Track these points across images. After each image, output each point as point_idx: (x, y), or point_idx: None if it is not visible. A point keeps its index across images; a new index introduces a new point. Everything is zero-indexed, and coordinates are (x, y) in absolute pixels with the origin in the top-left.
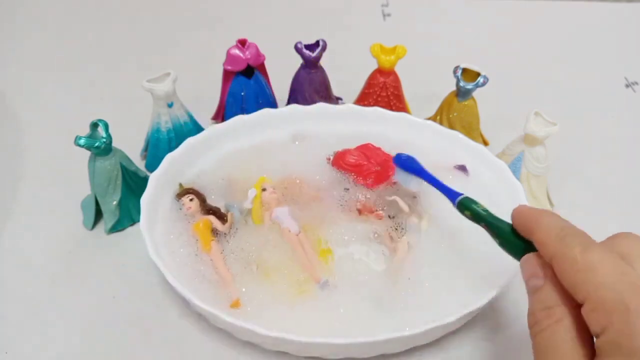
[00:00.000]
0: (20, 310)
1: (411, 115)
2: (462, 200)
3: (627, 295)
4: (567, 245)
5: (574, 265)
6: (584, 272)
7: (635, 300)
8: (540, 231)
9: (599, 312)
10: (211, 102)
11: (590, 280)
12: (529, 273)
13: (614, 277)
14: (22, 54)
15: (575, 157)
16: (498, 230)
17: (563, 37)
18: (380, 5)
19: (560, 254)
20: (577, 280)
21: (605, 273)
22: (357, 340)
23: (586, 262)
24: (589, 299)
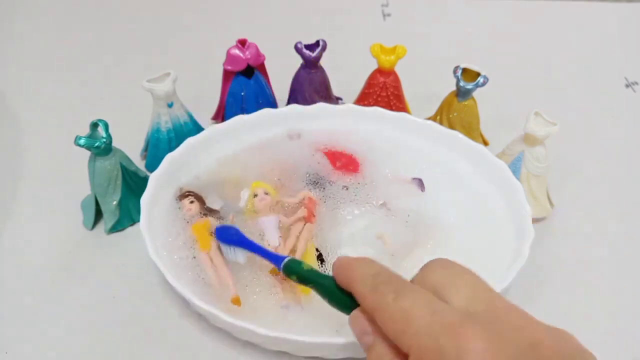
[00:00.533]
0: (20, 310)
1: (411, 115)
2: (287, 263)
3: (442, 339)
4: (381, 294)
5: (390, 316)
6: (399, 322)
7: (449, 342)
8: (356, 282)
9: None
10: (211, 102)
11: (407, 329)
12: (359, 330)
13: (426, 321)
14: (22, 54)
15: (575, 157)
16: (323, 288)
17: (563, 37)
18: (380, 5)
19: (376, 307)
20: (396, 331)
21: (418, 318)
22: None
23: (400, 311)
24: (411, 350)
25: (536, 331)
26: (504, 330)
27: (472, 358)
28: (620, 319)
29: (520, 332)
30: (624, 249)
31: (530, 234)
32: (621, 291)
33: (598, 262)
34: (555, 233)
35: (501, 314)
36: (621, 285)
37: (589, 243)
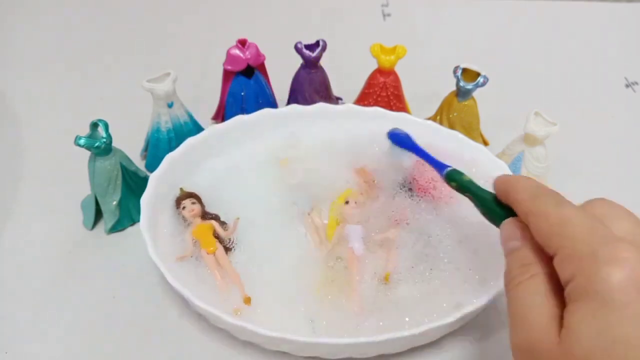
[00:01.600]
0: (20, 310)
1: (411, 115)
2: (449, 172)
3: (596, 245)
4: (542, 202)
5: (547, 219)
6: (556, 225)
7: (603, 249)
8: (516, 192)
9: (569, 261)
10: (211, 102)
11: (561, 233)
12: (507, 236)
13: (584, 229)
14: (22, 54)
15: (575, 157)
16: (481, 199)
17: (563, 37)
18: (380, 5)
19: (534, 211)
20: (550, 233)
21: (577, 225)
22: (357, 340)
23: (559, 217)
24: (560, 250)
25: None
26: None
27: (623, 264)
28: None
29: None
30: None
31: None
32: None
33: None
34: None
35: None
36: None
37: None
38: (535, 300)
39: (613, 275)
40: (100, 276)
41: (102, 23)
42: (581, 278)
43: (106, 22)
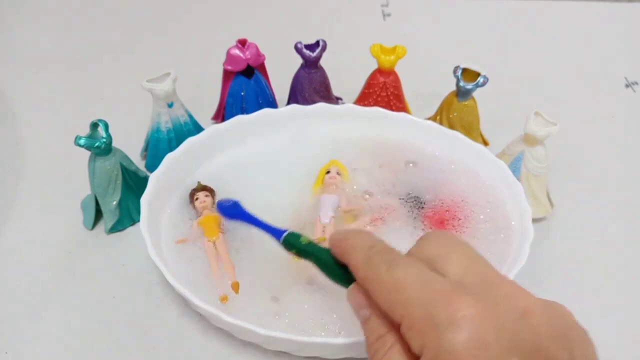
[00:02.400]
0: (20, 310)
1: (411, 115)
2: (286, 238)
3: (432, 306)
4: (374, 266)
5: (382, 286)
6: (392, 292)
7: (439, 310)
8: (350, 254)
9: (413, 332)
10: (211, 102)
11: (398, 299)
12: (356, 304)
13: (418, 290)
14: (22, 54)
15: (575, 157)
16: (322, 262)
17: (563, 37)
18: (380, 5)
19: (369, 278)
20: (388, 301)
21: (411, 287)
22: (357, 340)
23: (392, 281)
24: (402, 319)
25: (528, 301)
26: (496, 299)
27: (463, 325)
28: (620, 318)
29: (512, 301)
30: (624, 249)
31: (530, 234)
32: (621, 291)
33: (598, 262)
34: (555, 233)
35: (494, 285)
36: (621, 285)
37: (589, 243)
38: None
39: (457, 342)
40: (100, 276)
41: (102, 23)
42: (429, 352)
43: (106, 22)
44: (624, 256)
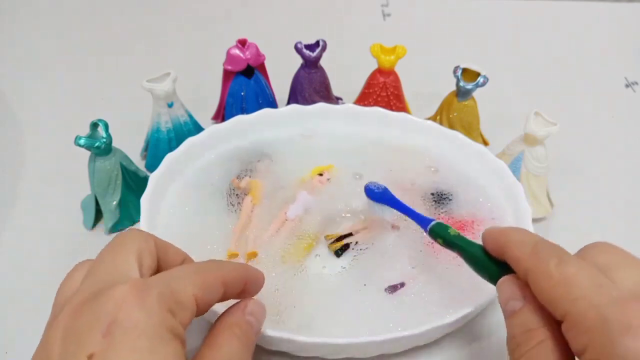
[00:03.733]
0: (20, 310)
1: (411, 115)
2: (433, 227)
3: (606, 309)
4: (542, 259)
5: (550, 280)
6: (560, 286)
7: (614, 315)
8: (512, 248)
9: (579, 330)
10: (211, 102)
11: (567, 295)
12: (507, 296)
13: (591, 291)
14: (22, 54)
15: (575, 157)
16: (472, 256)
17: (563, 37)
18: (380, 5)
19: (535, 269)
20: (554, 296)
21: (583, 287)
22: (357, 340)
23: (562, 276)
24: (568, 315)
25: None
26: None
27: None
28: None
29: None
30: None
31: None
32: None
33: None
34: (555, 233)
35: None
36: None
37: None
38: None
39: (629, 349)
40: None
41: (102, 23)
42: (594, 351)
43: (106, 22)
44: None
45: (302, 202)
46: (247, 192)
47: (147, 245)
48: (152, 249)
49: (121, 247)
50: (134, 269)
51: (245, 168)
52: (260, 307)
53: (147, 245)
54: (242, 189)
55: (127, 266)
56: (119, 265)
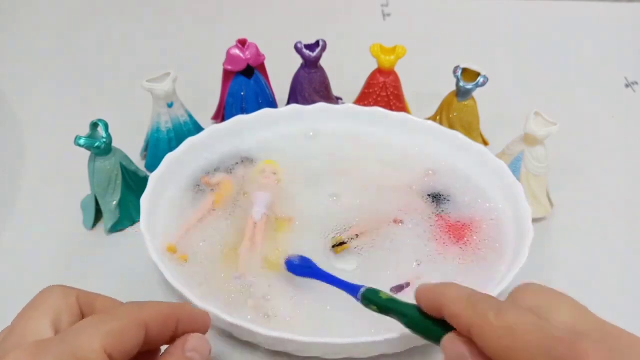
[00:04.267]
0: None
1: (411, 115)
2: (364, 294)
3: (555, 352)
4: (480, 313)
5: (493, 332)
6: (504, 337)
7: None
8: (449, 305)
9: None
10: (211, 102)
11: (513, 344)
12: (455, 354)
13: (536, 335)
14: (22, 54)
15: (575, 157)
16: (410, 319)
17: (563, 37)
18: (380, 5)
19: (476, 324)
20: (500, 347)
21: (526, 333)
22: (357, 340)
23: (504, 326)
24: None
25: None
26: (620, 347)
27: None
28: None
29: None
30: (624, 249)
31: (530, 234)
32: (621, 291)
33: (598, 262)
34: (555, 233)
35: (613, 334)
36: (621, 285)
37: (589, 243)
38: None
39: None
40: (100, 276)
41: (102, 23)
42: None
43: (106, 22)
44: (624, 256)
45: (261, 201)
46: (216, 189)
47: (66, 301)
48: (72, 305)
49: (35, 307)
50: (47, 329)
51: (223, 167)
52: (203, 342)
53: (66, 301)
54: (212, 185)
55: (39, 327)
56: (30, 327)
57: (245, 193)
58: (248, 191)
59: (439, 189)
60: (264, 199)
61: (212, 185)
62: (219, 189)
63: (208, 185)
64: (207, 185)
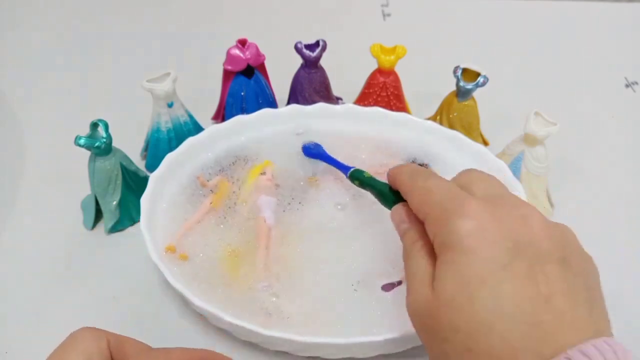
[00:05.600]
0: (20, 310)
1: (411, 115)
2: (352, 172)
3: (449, 205)
4: (414, 179)
5: (417, 192)
6: (423, 195)
7: (454, 207)
8: (399, 177)
9: (432, 223)
10: (211, 102)
11: (426, 201)
12: (398, 219)
13: (442, 195)
14: (22, 54)
15: (575, 157)
16: (378, 191)
17: (563, 37)
18: (380, 5)
19: (409, 188)
20: (419, 203)
21: (436, 193)
22: (357, 340)
23: (424, 188)
24: (426, 216)
25: (532, 211)
26: (503, 205)
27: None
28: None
29: (517, 209)
30: (624, 249)
31: None
32: (621, 291)
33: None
34: None
35: (504, 197)
36: (621, 285)
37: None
38: (420, 268)
39: (462, 227)
40: (100, 276)
41: (102, 23)
42: (440, 235)
43: (106, 22)
44: (624, 256)
45: (268, 205)
46: (214, 190)
47: (98, 344)
48: (102, 348)
49: (68, 349)
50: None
51: (220, 168)
52: None
53: (98, 344)
54: (206, 186)
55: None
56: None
57: (241, 197)
58: (245, 192)
59: None
60: (271, 203)
61: (209, 186)
62: (217, 190)
63: (204, 186)
64: (203, 186)
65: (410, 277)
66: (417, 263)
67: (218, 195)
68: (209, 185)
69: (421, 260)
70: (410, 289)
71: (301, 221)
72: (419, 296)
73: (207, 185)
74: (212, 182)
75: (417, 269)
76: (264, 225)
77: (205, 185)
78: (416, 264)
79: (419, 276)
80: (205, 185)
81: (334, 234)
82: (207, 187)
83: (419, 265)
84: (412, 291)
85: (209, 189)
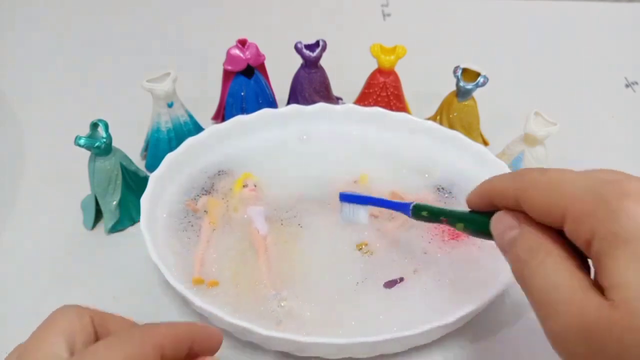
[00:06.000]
0: (20, 310)
1: (411, 115)
2: (415, 205)
3: (602, 188)
4: (526, 176)
5: (540, 186)
6: (552, 188)
7: (609, 191)
8: (496, 185)
9: (582, 219)
10: (211, 102)
11: (561, 193)
12: (503, 228)
13: (581, 182)
14: (22, 54)
15: (575, 157)
16: (458, 215)
17: (563, 37)
18: (380, 5)
19: (522, 187)
20: (549, 201)
21: (573, 180)
22: (357, 340)
23: (550, 180)
24: (567, 213)
25: None
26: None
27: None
28: None
29: None
30: None
31: None
32: None
33: None
34: None
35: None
36: None
37: None
38: (560, 278)
39: (634, 209)
40: (100, 276)
41: (102, 23)
42: (603, 228)
43: (106, 22)
44: None
45: (259, 215)
46: (206, 210)
47: (81, 322)
48: (86, 325)
49: (49, 328)
50: (61, 351)
51: (202, 187)
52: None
53: (81, 322)
54: (198, 211)
55: (54, 349)
56: (44, 349)
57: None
58: (235, 201)
59: (439, 190)
60: (261, 213)
61: (200, 209)
62: (207, 208)
63: (196, 211)
64: (195, 211)
65: (544, 294)
66: (555, 272)
67: (212, 214)
68: (199, 207)
69: (560, 267)
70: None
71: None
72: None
73: (198, 209)
74: (200, 204)
75: (565, 284)
76: (258, 236)
77: (197, 210)
78: (554, 274)
79: (564, 289)
80: (197, 210)
81: (334, 234)
82: (199, 211)
83: (559, 274)
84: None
85: (203, 210)
